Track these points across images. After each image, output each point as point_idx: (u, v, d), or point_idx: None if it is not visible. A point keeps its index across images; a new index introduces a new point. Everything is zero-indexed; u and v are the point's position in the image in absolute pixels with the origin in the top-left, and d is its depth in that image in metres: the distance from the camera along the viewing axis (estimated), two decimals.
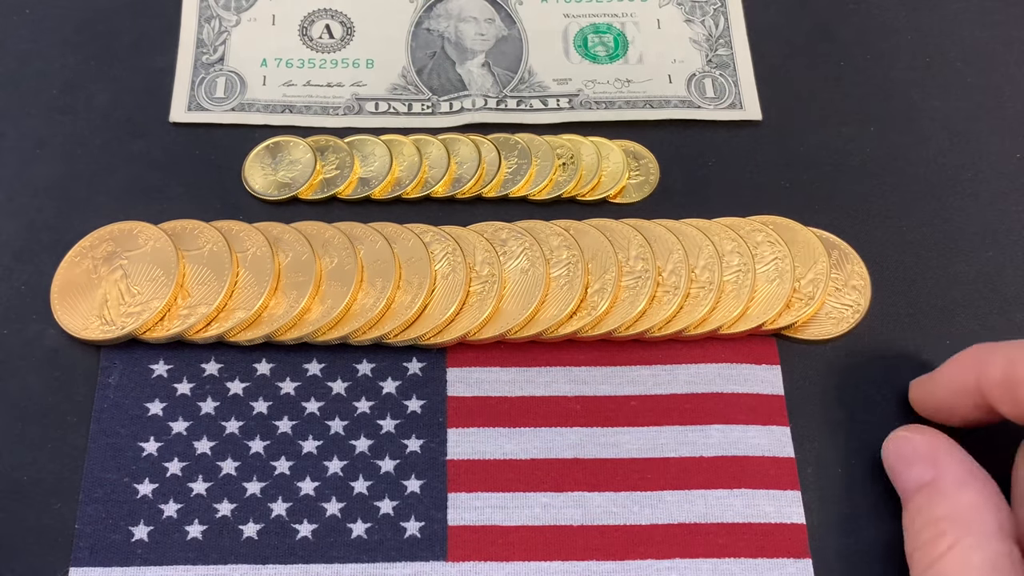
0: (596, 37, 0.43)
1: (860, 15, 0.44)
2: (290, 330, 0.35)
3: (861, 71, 0.42)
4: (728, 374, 0.35)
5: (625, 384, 0.35)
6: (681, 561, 0.33)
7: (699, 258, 0.37)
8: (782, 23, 0.43)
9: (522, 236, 0.37)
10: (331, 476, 0.34)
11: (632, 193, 0.39)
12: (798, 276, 0.37)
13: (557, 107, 0.41)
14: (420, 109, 0.41)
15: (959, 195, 0.40)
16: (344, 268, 0.36)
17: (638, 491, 0.34)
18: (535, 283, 0.36)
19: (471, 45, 0.43)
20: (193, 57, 0.41)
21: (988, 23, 0.44)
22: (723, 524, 0.33)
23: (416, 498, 0.33)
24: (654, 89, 0.41)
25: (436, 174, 0.39)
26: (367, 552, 0.32)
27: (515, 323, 0.35)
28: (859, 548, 0.33)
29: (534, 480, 0.34)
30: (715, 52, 0.43)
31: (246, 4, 0.43)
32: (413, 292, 0.36)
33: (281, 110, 0.41)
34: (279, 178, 0.39)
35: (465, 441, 0.34)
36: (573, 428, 0.34)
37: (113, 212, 0.38)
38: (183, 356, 0.35)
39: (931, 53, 0.43)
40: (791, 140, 0.41)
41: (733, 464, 0.34)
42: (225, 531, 0.33)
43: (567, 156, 0.39)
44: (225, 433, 0.34)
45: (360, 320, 0.35)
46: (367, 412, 0.35)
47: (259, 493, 0.33)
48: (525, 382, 0.35)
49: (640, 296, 0.36)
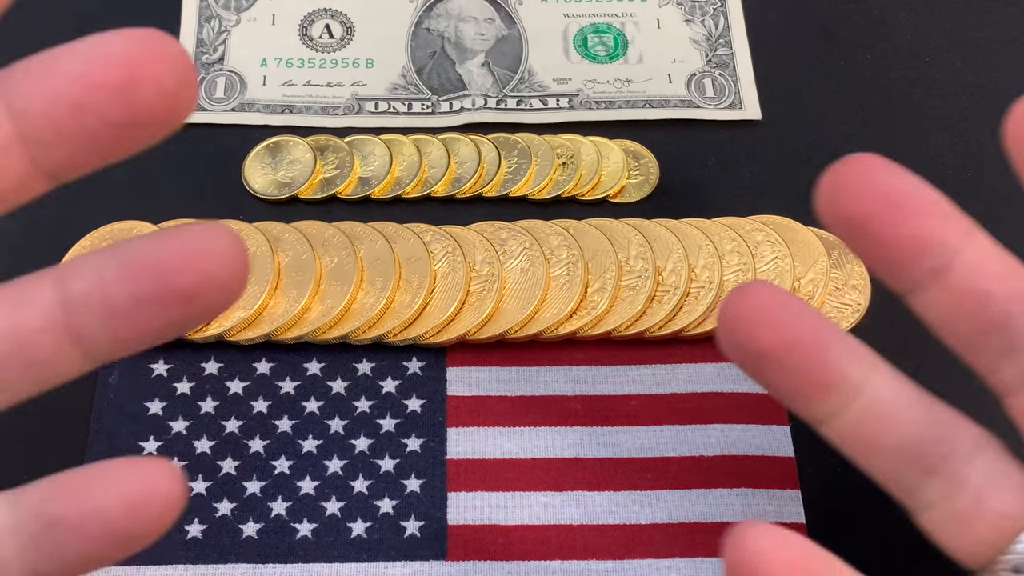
0: (596, 37, 0.43)
1: (860, 15, 0.44)
2: (290, 329, 0.35)
3: (861, 71, 0.42)
4: (728, 374, 0.35)
5: (625, 384, 0.35)
6: (681, 561, 0.32)
7: (699, 258, 0.37)
8: (782, 23, 0.43)
9: (522, 236, 0.37)
10: (331, 475, 0.34)
11: (632, 193, 0.39)
12: (798, 276, 0.37)
13: (557, 107, 0.41)
14: (420, 109, 0.41)
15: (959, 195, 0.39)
16: (344, 268, 0.36)
17: (638, 491, 0.34)
18: (535, 283, 0.36)
19: (471, 45, 0.43)
20: (193, 57, 0.41)
21: (988, 23, 0.44)
22: (723, 524, 0.33)
23: (416, 497, 0.33)
24: (654, 89, 0.41)
25: (436, 174, 0.39)
26: (367, 551, 0.32)
27: (515, 322, 0.35)
28: (859, 548, 0.33)
29: (534, 479, 0.34)
30: (715, 52, 0.43)
31: (246, 4, 0.43)
32: (413, 291, 0.36)
33: (281, 110, 0.41)
34: (279, 178, 0.39)
35: (465, 440, 0.34)
36: (573, 427, 0.34)
37: (113, 212, 0.38)
38: (183, 355, 0.35)
39: (931, 53, 0.43)
40: (791, 140, 0.41)
41: (733, 464, 0.34)
42: (225, 530, 0.33)
43: (567, 156, 0.39)
44: (225, 432, 0.34)
45: (360, 319, 0.35)
46: (367, 411, 0.35)
47: (259, 492, 0.33)
48: (525, 381, 0.35)
49: (640, 296, 0.36)
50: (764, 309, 0.24)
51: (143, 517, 0.21)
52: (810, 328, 0.24)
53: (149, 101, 0.19)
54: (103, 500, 0.21)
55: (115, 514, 0.21)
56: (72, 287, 0.20)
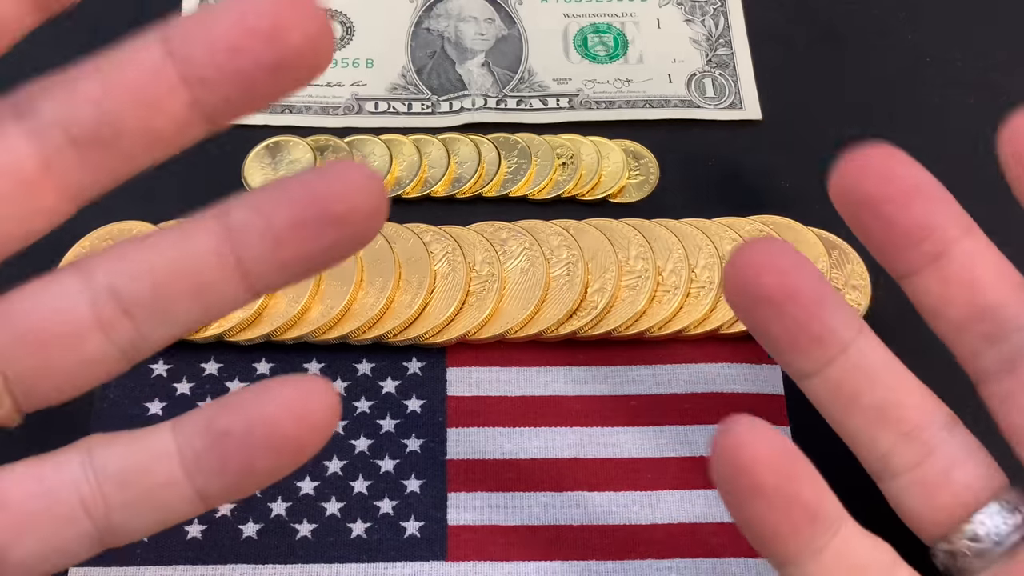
0: (596, 37, 0.43)
1: (860, 15, 0.44)
2: (290, 330, 0.35)
3: (861, 71, 0.42)
4: (728, 374, 0.35)
5: (625, 384, 0.35)
6: (681, 561, 0.32)
7: (699, 258, 0.37)
8: (782, 23, 0.43)
9: (522, 236, 0.37)
10: (331, 476, 0.34)
11: (632, 193, 0.39)
12: None
13: (557, 107, 0.41)
14: (420, 109, 0.41)
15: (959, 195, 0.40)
16: (344, 268, 0.36)
17: (638, 491, 0.34)
18: (535, 283, 0.36)
19: (471, 45, 0.43)
20: None
21: (988, 22, 0.44)
22: (723, 524, 0.33)
23: (416, 498, 0.33)
24: (654, 89, 0.41)
25: (436, 174, 0.39)
26: (367, 552, 0.32)
27: (515, 323, 0.35)
28: None
29: (534, 480, 0.34)
30: (715, 52, 0.43)
31: None
32: (413, 292, 0.36)
33: (281, 110, 0.41)
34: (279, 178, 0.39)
35: (465, 441, 0.34)
36: (573, 428, 0.34)
37: (113, 212, 0.38)
38: (183, 356, 0.35)
39: (931, 53, 0.43)
40: (791, 140, 0.41)
41: None
42: (224, 531, 0.33)
43: (567, 156, 0.39)
44: None
45: (360, 320, 0.35)
46: (367, 412, 0.35)
47: (258, 492, 0.33)
48: (525, 382, 0.35)
49: (640, 296, 0.36)
50: (772, 257, 0.26)
51: (306, 425, 0.22)
52: (811, 281, 0.26)
53: (295, 46, 0.21)
54: (268, 410, 0.22)
55: (281, 422, 0.22)
56: (234, 216, 0.22)
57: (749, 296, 0.26)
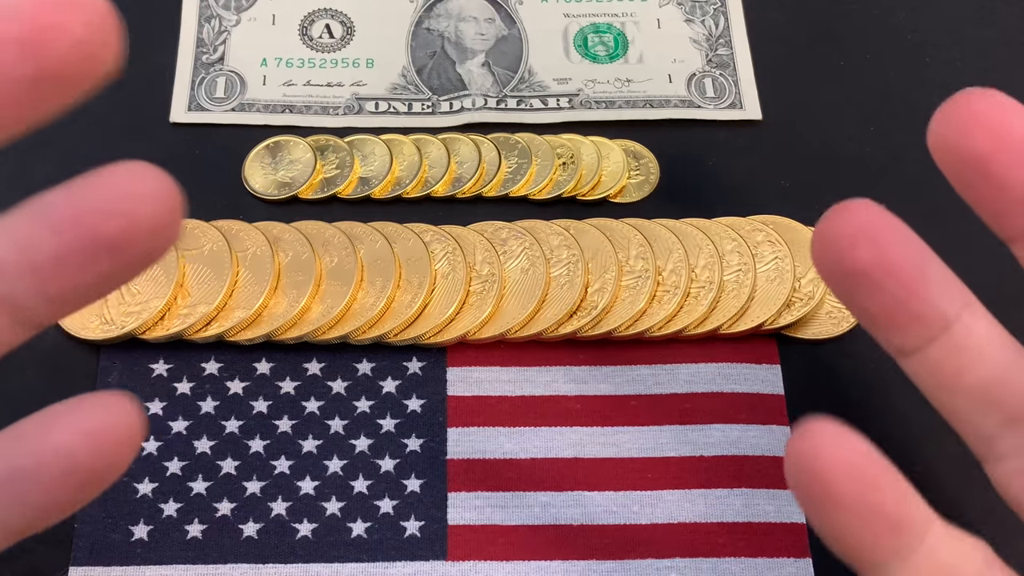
0: (596, 37, 0.43)
1: (860, 15, 0.44)
2: (290, 329, 0.35)
3: (861, 71, 0.42)
4: (728, 374, 0.35)
5: (625, 384, 0.35)
6: (681, 561, 0.33)
7: (699, 258, 0.37)
8: (782, 23, 0.43)
9: (522, 236, 0.37)
10: (331, 475, 0.34)
11: (632, 193, 0.39)
12: (798, 276, 0.37)
13: (557, 107, 0.41)
14: (420, 109, 0.41)
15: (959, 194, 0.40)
16: (344, 267, 0.36)
17: (638, 491, 0.34)
18: (535, 283, 0.36)
19: (471, 45, 0.43)
20: (193, 57, 0.41)
21: (988, 23, 0.44)
22: (723, 524, 0.33)
23: (416, 497, 0.33)
24: (654, 89, 0.41)
25: (436, 174, 0.39)
26: (367, 551, 0.32)
27: (515, 322, 0.35)
28: None
29: (534, 479, 0.34)
30: (715, 52, 0.43)
31: (246, 4, 0.43)
32: (413, 291, 0.36)
33: (281, 110, 0.41)
34: (279, 177, 0.39)
35: (465, 440, 0.34)
36: (573, 427, 0.34)
37: None
38: (183, 355, 0.35)
39: (931, 53, 0.43)
40: (791, 140, 0.41)
41: (733, 464, 0.34)
42: (225, 530, 0.33)
43: (567, 156, 0.39)
44: (225, 432, 0.34)
45: (360, 319, 0.35)
46: (367, 411, 0.35)
47: (259, 492, 0.33)
48: (525, 381, 0.35)
49: (640, 296, 0.36)
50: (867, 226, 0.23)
51: (104, 451, 0.20)
52: (912, 253, 0.23)
53: (60, 53, 0.17)
54: (62, 438, 0.20)
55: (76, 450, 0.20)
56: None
57: (841, 270, 0.23)
